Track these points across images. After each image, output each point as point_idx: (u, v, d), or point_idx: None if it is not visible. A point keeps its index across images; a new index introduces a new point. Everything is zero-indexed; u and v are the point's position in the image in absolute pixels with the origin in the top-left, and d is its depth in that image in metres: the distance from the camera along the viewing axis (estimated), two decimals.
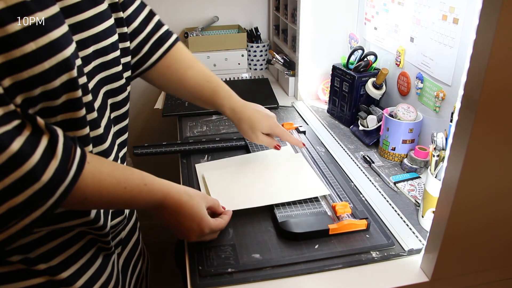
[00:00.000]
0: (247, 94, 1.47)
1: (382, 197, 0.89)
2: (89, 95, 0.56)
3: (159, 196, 0.63)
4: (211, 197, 0.75)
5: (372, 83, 1.14)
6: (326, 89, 1.40)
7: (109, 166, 0.57)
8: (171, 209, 0.65)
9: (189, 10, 1.72)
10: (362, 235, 0.77)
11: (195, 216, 0.67)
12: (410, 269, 0.71)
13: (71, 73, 0.50)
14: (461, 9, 0.85)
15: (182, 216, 0.66)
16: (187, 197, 0.66)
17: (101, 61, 0.61)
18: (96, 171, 0.54)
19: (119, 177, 0.57)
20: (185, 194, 0.66)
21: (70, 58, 0.50)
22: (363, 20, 1.29)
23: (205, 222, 0.68)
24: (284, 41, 1.64)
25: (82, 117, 0.55)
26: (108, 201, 0.57)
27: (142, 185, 0.60)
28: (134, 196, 0.59)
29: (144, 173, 0.62)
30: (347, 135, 1.19)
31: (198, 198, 0.68)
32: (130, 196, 0.59)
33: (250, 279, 0.68)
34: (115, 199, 0.58)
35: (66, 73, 0.50)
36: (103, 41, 0.61)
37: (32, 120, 0.48)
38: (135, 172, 0.61)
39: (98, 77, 0.61)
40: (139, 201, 0.61)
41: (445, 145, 0.80)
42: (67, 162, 0.49)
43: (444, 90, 0.93)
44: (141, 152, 1.04)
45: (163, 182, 0.64)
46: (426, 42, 0.98)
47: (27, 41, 0.45)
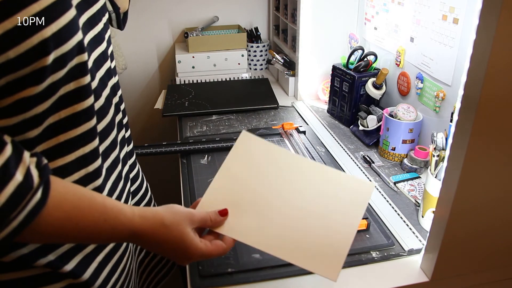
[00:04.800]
0: (247, 94, 1.48)
1: (382, 197, 0.89)
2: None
3: (125, 233, 0.53)
4: (198, 213, 0.60)
5: (372, 83, 1.14)
6: (326, 89, 1.40)
7: (60, 196, 0.47)
8: (145, 241, 0.55)
9: (189, 10, 1.72)
10: (362, 235, 0.77)
11: (178, 247, 0.56)
12: (410, 269, 0.71)
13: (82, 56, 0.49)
14: (461, 9, 0.85)
15: (162, 248, 0.56)
16: (163, 231, 0.55)
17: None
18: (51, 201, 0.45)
19: (69, 209, 0.48)
20: (161, 227, 0.55)
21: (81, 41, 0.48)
22: (363, 20, 1.29)
23: (192, 251, 0.57)
24: (284, 41, 1.64)
25: (88, 85, 0.51)
26: (56, 237, 0.49)
27: (101, 222, 0.50)
28: (90, 234, 0.50)
29: (107, 204, 0.52)
30: (347, 135, 1.19)
31: (178, 227, 0.56)
32: (86, 233, 0.49)
33: (250, 279, 0.68)
34: (64, 236, 0.49)
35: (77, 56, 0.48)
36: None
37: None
38: (95, 204, 0.50)
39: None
40: (100, 238, 0.52)
41: (445, 145, 0.80)
42: (14, 208, 0.41)
43: (444, 90, 0.93)
44: (141, 152, 1.04)
45: (131, 217, 0.53)
46: (426, 42, 0.98)
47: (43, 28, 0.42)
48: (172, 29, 1.75)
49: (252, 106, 1.35)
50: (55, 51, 0.44)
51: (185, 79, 1.59)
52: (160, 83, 1.83)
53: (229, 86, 1.54)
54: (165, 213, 0.56)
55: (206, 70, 1.60)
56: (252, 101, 1.39)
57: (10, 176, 0.41)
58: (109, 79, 0.62)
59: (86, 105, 0.51)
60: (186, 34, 1.61)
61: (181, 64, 1.58)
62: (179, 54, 1.58)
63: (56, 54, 0.44)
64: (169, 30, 1.75)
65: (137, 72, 1.78)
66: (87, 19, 0.54)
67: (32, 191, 0.43)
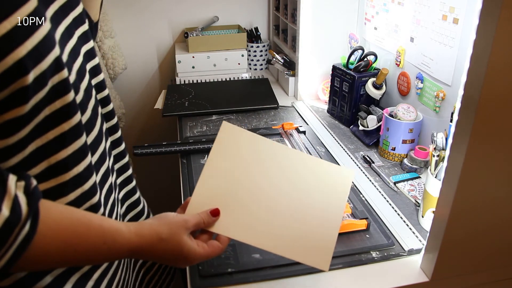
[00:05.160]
0: (247, 94, 1.48)
1: (382, 197, 0.89)
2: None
3: (124, 252, 0.53)
4: (191, 219, 0.60)
5: (372, 83, 1.14)
6: (326, 89, 1.40)
7: (55, 224, 0.46)
8: (145, 256, 0.55)
9: (189, 10, 1.72)
10: (362, 235, 0.77)
11: (178, 255, 0.57)
12: (410, 269, 0.71)
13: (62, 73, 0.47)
14: (461, 9, 0.85)
15: (162, 258, 0.57)
16: (162, 245, 0.55)
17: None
18: (39, 236, 0.43)
19: (67, 238, 0.46)
20: (158, 242, 0.55)
21: (59, 57, 0.47)
22: (363, 20, 1.29)
23: (192, 257, 0.58)
24: (284, 41, 1.64)
25: (73, 101, 0.49)
26: (54, 264, 0.49)
27: (100, 245, 0.49)
28: (90, 257, 0.50)
29: (105, 225, 0.51)
30: (347, 135, 1.19)
31: (175, 237, 0.56)
32: (85, 256, 0.49)
33: (250, 279, 0.68)
34: (64, 262, 0.49)
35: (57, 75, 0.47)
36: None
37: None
38: (93, 227, 0.49)
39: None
40: (97, 260, 0.52)
41: (445, 145, 0.80)
42: (1, 246, 0.40)
43: (444, 90, 0.93)
44: (141, 152, 1.04)
45: (128, 236, 0.52)
46: (426, 42, 0.98)
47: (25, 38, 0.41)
48: (172, 29, 1.75)
49: (252, 106, 1.35)
50: (34, 69, 0.42)
51: (185, 79, 1.59)
52: (160, 83, 1.83)
53: (229, 86, 1.54)
54: (160, 227, 0.56)
55: (206, 70, 1.60)
56: (252, 101, 1.39)
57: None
58: (93, 77, 0.61)
59: (74, 122, 0.50)
60: (186, 34, 1.61)
61: (181, 64, 1.58)
62: (179, 54, 1.58)
63: (36, 72, 0.42)
64: (169, 30, 1.75)
65: (137, 72, 1.78)
66: (65, 29, 0.51)
67: (20, 224, 0.41)
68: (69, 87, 0.48)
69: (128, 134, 1.81)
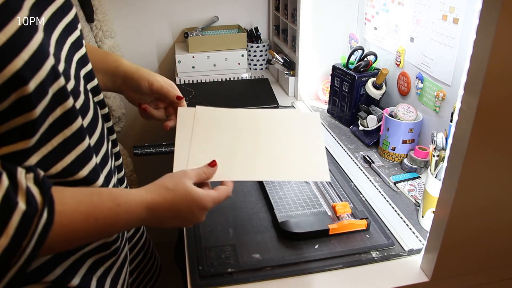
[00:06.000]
0: (247, 94, 1.48)
1: (382, 197, 0.89)
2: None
3: (141, 211, 0.54)
4: (190, 170, 0.63)
5: (372, 83, 1.14)
6: (326, 89, 1.40)
7: (72, 201, 0.48)
8: (162, 214, 0.57)
9: (189, 10, 1.72)
10: (362, 235, 0.77)
11: (190, 203, 0.58)
12: (410, 269, 0.71)
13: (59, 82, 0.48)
14: (461, 9, 0.85)
15: (179, 212, 0.58)
16: (171, 193, 0.57)
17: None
18: (58, 216, 0.45)
19: (86, 209, 0.49)
20: (167, 191, 0.57)
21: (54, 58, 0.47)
22: (363, 20, 1.29)
23: (203, 200, 0.59)
24: (284, 41, 1.64)
25: (73, 107, 0.50)
26: (81, 240, 0.51)
27: (115, 207, 0.52)
28: (110, 223, 0.51)
29: (115, 191, 0.54)
30: (347, 135, 1.19)
31: (180, 185, 0.59)
32: (105, 224, 0.51)
33: (250, 279, 0.68)
34: (89, 235, 0.51)
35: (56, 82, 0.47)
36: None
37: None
38: (104, 195, 0.52)
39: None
40: (118, 225, 0.54)
41: (445, 145, 0.80)
42: (23, 238, 0.41)
43: (444, 90, 0.93)
44: (141, 152, 1.04)
45: (138, 193, 0.55)
46: (426, 42, 0.98)
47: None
48: (172, 29, 1.75)
49: (252, 106, 1.35)
50: (34, 79, 0.43)
51: (185, 79, 1.59)
52: None
53: (229, 86, 1.54)
54: (163, 180, 0.59)
55: (206, 70, 1.60)
56: (252, 101, 1.39)
57: (14, 207, 0.40)
58: (88, 82, 0.62)
59: (76, 127, 0.51)
60: (186, 34, 1.61)
61: (181, 64, 1.58)
62: (179, 54, 1.58)
63: (36, 82, 0.43)
64: (169, 30, 1.75)
65: None
66: (59, 36, 0.52)
67: (38, 214, 0.42)
68: (67, 94, 0.49)
69: (128, 134, 1.81)
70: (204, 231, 0.78)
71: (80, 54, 0.59)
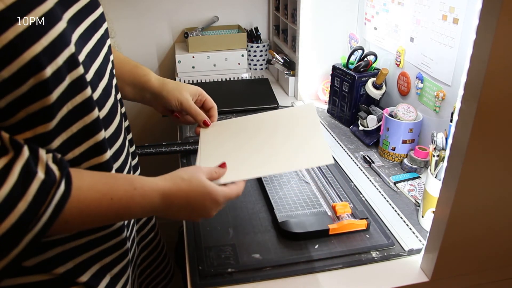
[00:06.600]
0: (247, 94, 1.48)
1: (382, 197, 0.89)
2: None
3: (155, 197, 0.56)
4: (203, 167, 0.66)
5: (372, 83, 1.14)
6: (326, 89, 1.40)
7: (89, 179, 0.50)
8: (176, 203, 0.58)
9: (189, 10, 1.72)
10: (362, 235, 0.77)
11: (204, 195, 0.60)
12: (410, 269, 0.71)
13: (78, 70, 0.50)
14: (461, 9, 0.85)
15: (192, 203, 0.59)
16: (186, 183, 0.59)
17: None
18: (75, 191, 0.47)
19: (102, 188, 0.50)
20: (182, 181, 0.59)
21: (75, 53, 0.49)
22: (363, 20, 1.29)
23: (216, 193, 0.61)
24: (284, 41, 1.64)
25: (90, 97, 0.52)
26: (95, 219, 0.51)
27: (131, 190, 0.53)
28: (125, 205, 0.53)
29: (130, 176, 0.57)
30: (347, 135, 1.19)
31: (195, 177, 0.60)
32: (120, 206, 0.52)
33: (250, 279, 0.68)
34: (103, 215, 0.51)
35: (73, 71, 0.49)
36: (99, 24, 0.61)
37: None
38: (120, 178, 0.54)
39: None
40: (132, 209, 0.54)
41: (445, 145, 0.80)
42: (41, 205, 0.43)
43: (444, 90, 0.93)
44: (141, 152, 1.04)
45: (154, 180, 0.57)
46: (426, 42, 0.98)
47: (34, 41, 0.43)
48: (172, 29, 1.75)
49: (252, 106, 1.35)
50: (51, 65, 0.45)
51: (185, 79, 1.59)
52: None
53: (229, 86, 1.54)
54: (178, 172, 0.61)
55: (206, 70, 1.60)
56: (252, 101, 1.39)
57: (33, 175, 0.43)
58: (113, 78, 0.64)
59: (93, 116, 0.53)
60: (186, 34, 1.61)
61: (181, 64, 1.58)
62: (179, 54, 1.58)
63: (53, 68, 0.45)
64: (169, 30, 1.75)
65: None
66: (84, 31, 0.54)
67: (55, 185, 0.45)
68: (86, 84, 0.51)
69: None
70: (204, 231, 0.78)
71: (106, 50, 0.62)
